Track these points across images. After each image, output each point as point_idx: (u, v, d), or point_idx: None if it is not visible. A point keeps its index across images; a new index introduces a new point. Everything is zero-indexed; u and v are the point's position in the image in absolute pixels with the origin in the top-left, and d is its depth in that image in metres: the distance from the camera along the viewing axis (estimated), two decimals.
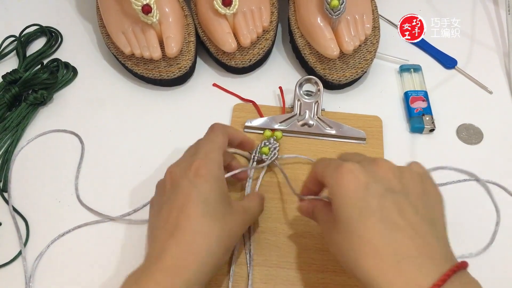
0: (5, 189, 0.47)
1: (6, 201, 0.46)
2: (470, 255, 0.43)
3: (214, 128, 0.39)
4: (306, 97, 0.51)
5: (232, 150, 0.47)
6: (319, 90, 0.51)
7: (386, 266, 0.28)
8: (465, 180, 0.48)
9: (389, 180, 0.32)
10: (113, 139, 0.50)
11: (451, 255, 0.30)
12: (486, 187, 0.47)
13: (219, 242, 0.33)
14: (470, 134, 0.51)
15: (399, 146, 0.50)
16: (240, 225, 0.36)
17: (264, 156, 0.46)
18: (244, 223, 0.37)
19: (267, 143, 0.46)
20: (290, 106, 0.52)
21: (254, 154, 0.46)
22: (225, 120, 0.52)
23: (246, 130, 0.50)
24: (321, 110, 0.51)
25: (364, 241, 0.29)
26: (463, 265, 0.29)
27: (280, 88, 0.53)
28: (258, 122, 0.50)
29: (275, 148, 0.46)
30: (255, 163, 0.46)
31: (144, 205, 0.45)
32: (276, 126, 0.50)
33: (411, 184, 0.32)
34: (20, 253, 0.43)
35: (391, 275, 0.28)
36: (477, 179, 0.48)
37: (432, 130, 0.51)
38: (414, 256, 0.28)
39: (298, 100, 0.51)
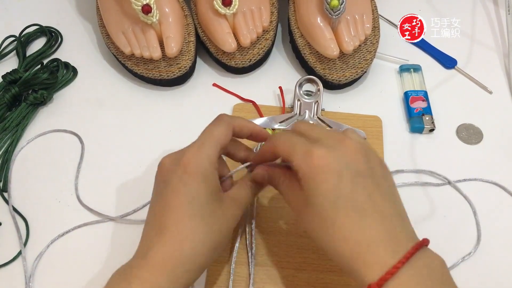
0: (5, 189, 0.47)
1: (6, 201, 0.46)
2: (470, 255, 0.43)
3: (218, 119, 0.38)
4: (306, 97, 0.51)
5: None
6: (319, 90, 0.51)
7: (358, 249, 0.30)
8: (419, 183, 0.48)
9: (358, 163, 0.32)
10: (113, 139, 0.50)
11: (412, 233, 0.32)
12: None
13: (205, 242, 0.33)
14: (470, 134, 0.51)
15: (399, 146, 0.50)
16: (230, 220, 0.36)
17: None
18: (234, 216, 0.37)
19: None
20: (290, 106, 0.52)
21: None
22: None
23: None
24: (321, 110, 0.51)
25: (336, 227, 0.31)
26: (424, 243, 0.31)
27: (280, 88, 0.53)
28: (258, 122, 0.50)
29: None
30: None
31: (144, 205, 0.45)
32: (276, 126, 0.50)
33: (375, 165, 0.33)
34: (20, 253, 0.43)
35: (362, 258, 0.30)
36: (431, 172, 0.48)
37: (432, 130, 0.51)
38: (382, 239, 0.30)
39: (298, 100, 0.51)
